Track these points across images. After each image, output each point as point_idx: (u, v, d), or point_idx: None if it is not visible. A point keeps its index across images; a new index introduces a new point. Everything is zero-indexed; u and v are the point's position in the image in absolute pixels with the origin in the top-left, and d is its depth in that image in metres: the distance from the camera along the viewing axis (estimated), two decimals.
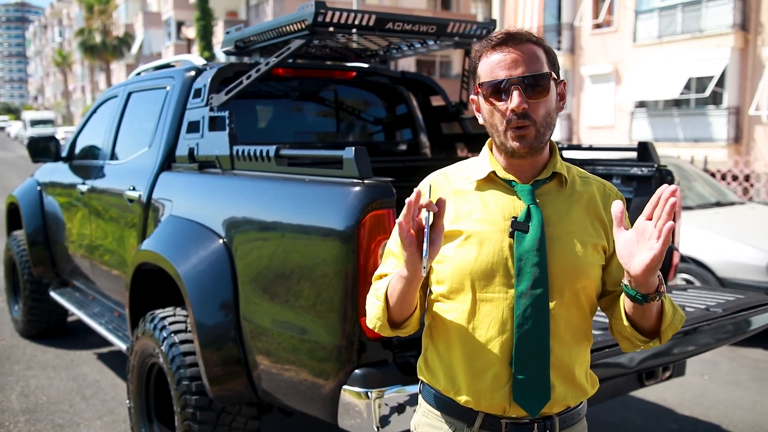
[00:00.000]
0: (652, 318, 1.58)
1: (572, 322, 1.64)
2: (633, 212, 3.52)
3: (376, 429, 2.42)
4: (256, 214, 2.93)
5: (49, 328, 5.98)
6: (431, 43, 3.85)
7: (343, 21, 3.25)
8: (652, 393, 4.79)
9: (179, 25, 41.72)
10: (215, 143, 3.38)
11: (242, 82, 3.42)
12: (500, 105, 1.58)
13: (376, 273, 1.77)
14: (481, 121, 1.67)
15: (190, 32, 32.16)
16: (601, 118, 22.22)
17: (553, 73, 1.60)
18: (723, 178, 12.41)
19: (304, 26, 3.25)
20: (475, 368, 1.63)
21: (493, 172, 1.66)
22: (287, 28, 3.37)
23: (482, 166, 1.69)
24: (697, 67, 18.67)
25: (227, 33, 3.91)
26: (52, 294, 5.46)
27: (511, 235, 1.60)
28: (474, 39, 3.77)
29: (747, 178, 12.13)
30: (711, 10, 18.68)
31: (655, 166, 3.43)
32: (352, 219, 2.43)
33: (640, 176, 3.47)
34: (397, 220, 1.47)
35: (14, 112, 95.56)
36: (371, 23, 3.34)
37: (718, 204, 7.30)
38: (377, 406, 2.41)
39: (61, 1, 79.82)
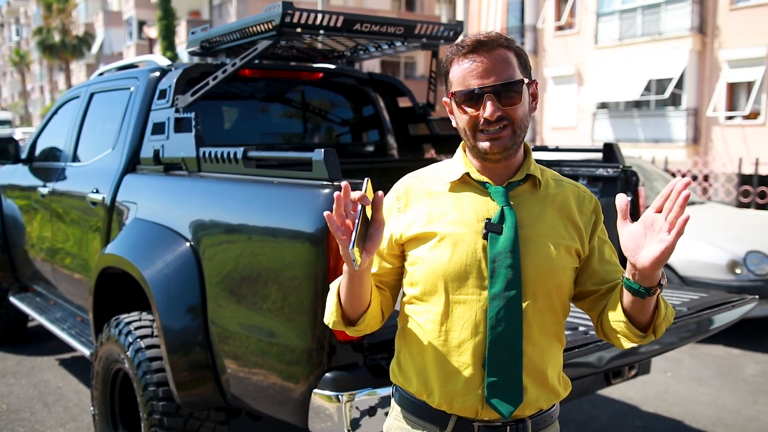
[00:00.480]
0: (648, 312, 1.57)
1: (545, 324, 1.64)
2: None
3: None
4: (224, 216, 2.90)
5: (9, 333, 5.84)
6: (399, 44, 3.85)
7: (310, 22, 3.22)
8: (617, 391, 4.86)
9: (141, 24, 41.14)
10: (181, 145, 3.33)
11: (208, 83, 3.37)
12: (473, 112, 1.58)
13: None
14: (454, 123, 1.67)
15: (152, 32, 31.75)
16: (563, 119, 22.49)
17: (524, 76, 1.61)
18: (683, 177, 12.62)
19: (271, 27, 3.22)
20: (448, 371, 1.62)
21: (467, 174, 1.66)
22: (254, 28, 3.33)
23: (456, 168, 1.69)
24: (657, 69, 19.00)
25: (192, 33, 3.86)
26: (12, 299, 5.33)
27: (485, 237, 1.59)
28: (441, 41, 3.78)
29: (706, 178, 12.37)
30: (670, 13, 19.03)
31: (621, 167, 3.48)
32: (322, 221, 2.41)
33: (606, 177, 3.51)
34: (325, 213, 1.46)
35: None
36: (339, 24, 3.32)
37: None
38: (348, 410, 2.40)
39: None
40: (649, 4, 19.57)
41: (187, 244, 3.01)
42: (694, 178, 12.22)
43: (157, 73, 3.79)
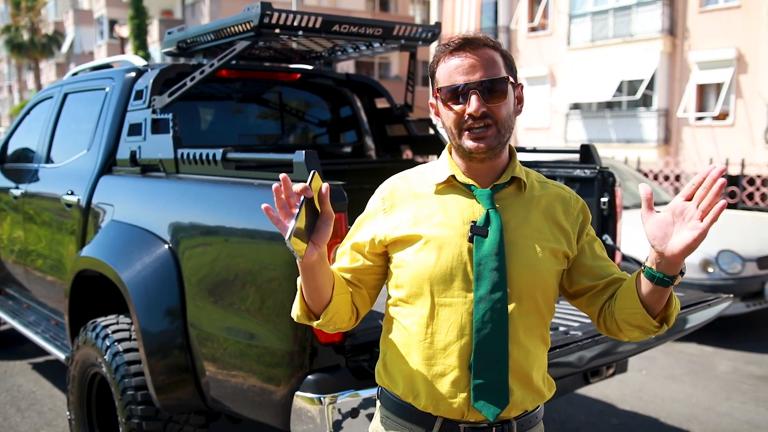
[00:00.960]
0: (663, 302, 1.57)
1: (530, 326, 1.65)
2: None
3: None
4: (203, 218, 2.88)
5: None
6: (377, 45, 3.85)
7: (289, 23, 3.21)
8: (594, 389, 4.91)
9: (112, 23, 40.61)
10: (159, 146, 3.30)
11: (186, 83, 3.35)
12: (458, 109, 1.58)
13: None
14: (440, 125, 1.68)
15: (124, 31, 31.30)
16: (537, 119, 22.64)
17: (510, 77, 1.62)
18: (655, 178, 12.81)
19: (249, 27, 3.20)
20: (434, 373, 1.62)
21: (453, 176, 1.67)
22: (232, 29, 3.31)
23: (442, 170, 1.69)
24: (629, 70, 19.22)
25: (169, 33, 3.82)
26: None
27: (471, 240, 1.60)
28: (419, 42, 3.78)
29: (677, 177, 12.54)
30: (641, 15, 19.25)
31: (598, 168, 3.51)
32: None
33: (583, 178, 3.54)
34: (263, 206, 1.46)
35: None
36: (318, 25, 3.31)
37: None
38: (330, 412, 2.39)
39: None
40: (621, 6, 19.79)
41: (166, 246, 2.99)
42: (666, 178, 12.38)
43: (133, 74, 3.76)
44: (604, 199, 3.45)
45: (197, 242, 2.88)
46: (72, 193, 3.77)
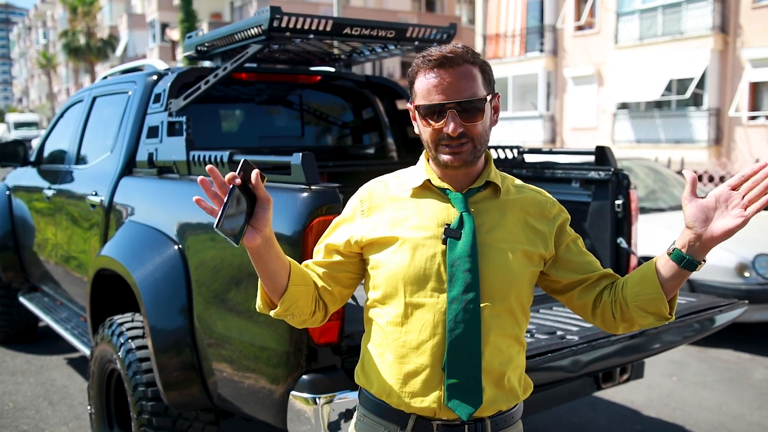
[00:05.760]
0: (677, 289, 1.63)
1: (503, 327, 1.66)
2: (591, 215, 3.55)
3: None
4: (208, 219, 2.93)
5: (19, 333, 5.95)
6: (392, 47, 3.86)
7: (299, 26, 3.25)
8: (619, 395, 4.82)
9: (163, 26, 41.57)
10: (173, 148, 3.37)
11: (200, 87, 3.41)
12: (436, 125, 1.61)
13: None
14: (417, 130, 1.70)
15: (174, 34, 31.95)
16: (583, 119, 22.33)
17: (487, 91, 1.63)
18: (700, 179, 12.49)
19: (260, 31, 3.25)
20: (406, 372, 1.65)
21: (428, 180, 1.70)
22: (244, 33, 3.37)
23: (418, 175, 1.73)
24: (678, 68, 18.81)
25: (188, 37, 3.90)
26: (21, 299, 5.42)
27: (444, 242, 1.62)
28: (434, 43, 3.78)
29: (722, 179, 12.22)
30: (691, 12, 18.82)
31: (612, 169, 3.45)
32: (299, 224, 2.44)
33: (598, 180, 3.49)
34: (194, 198, 1.49)
35: None
36: (328, 28, 3.34)
37: None
38: (325, 412, 2.41)
39: (45, 3, 79.29)
40: (670, 3, 19.38)
41: (176, 246, 3.05)
42: (711, 179, 12.08)
43: (154, 77, 3.84)
44: (619, 202, 3.39)
45: (203, 243, 2.93)
46: (96, 194, 3.88)
